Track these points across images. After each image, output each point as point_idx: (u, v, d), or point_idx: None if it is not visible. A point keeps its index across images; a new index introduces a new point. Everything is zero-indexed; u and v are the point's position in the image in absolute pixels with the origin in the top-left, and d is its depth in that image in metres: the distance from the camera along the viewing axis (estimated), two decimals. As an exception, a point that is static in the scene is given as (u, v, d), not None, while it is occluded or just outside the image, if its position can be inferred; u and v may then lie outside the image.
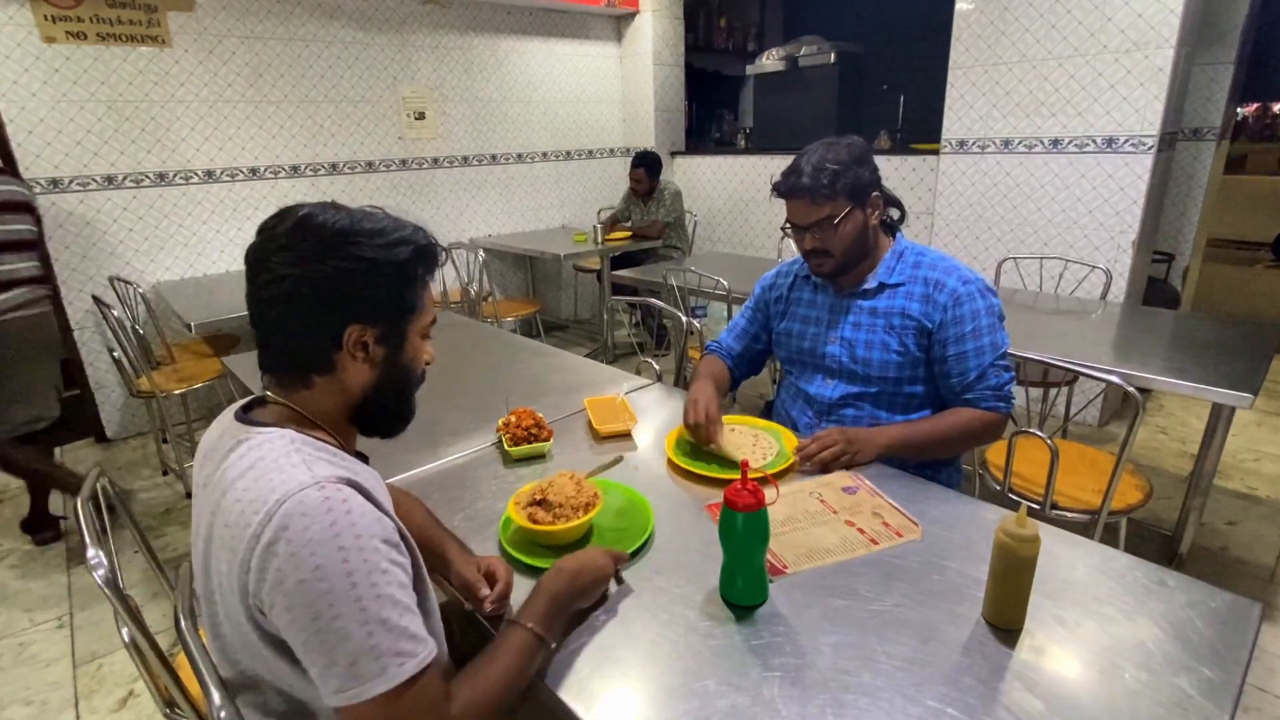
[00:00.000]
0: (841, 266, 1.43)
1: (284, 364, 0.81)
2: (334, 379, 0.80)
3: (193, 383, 2.77)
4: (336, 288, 0.75)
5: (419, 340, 0.86)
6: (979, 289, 1.39)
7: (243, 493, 0.70)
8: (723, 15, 6.02)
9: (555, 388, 1.75)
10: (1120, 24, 2.76)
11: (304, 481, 0.69)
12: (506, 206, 4.73)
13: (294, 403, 0.81)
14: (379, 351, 0.81)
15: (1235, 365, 1.76)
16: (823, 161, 1.35)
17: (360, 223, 0.78)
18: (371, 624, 0.66)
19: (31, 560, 2.45)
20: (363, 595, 0.66)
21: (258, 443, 0.75)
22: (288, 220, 0.77)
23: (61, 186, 3.09)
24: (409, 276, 0.81)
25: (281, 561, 0.66)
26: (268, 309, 0.77)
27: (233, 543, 0.69)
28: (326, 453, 0.77)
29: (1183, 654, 0.82)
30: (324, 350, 0.78)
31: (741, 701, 0.78)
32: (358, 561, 0.66)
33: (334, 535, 0.66)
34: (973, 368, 1.37)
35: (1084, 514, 1.67)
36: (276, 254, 0.75)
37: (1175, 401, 3.37)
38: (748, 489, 0.90)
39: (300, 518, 0.66)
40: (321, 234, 0.76)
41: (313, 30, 3.68)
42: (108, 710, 1.80)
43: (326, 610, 0.65)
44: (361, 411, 0.84)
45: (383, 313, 0.80)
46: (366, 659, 0.65)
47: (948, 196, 3.45)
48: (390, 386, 0.84)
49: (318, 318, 0.76)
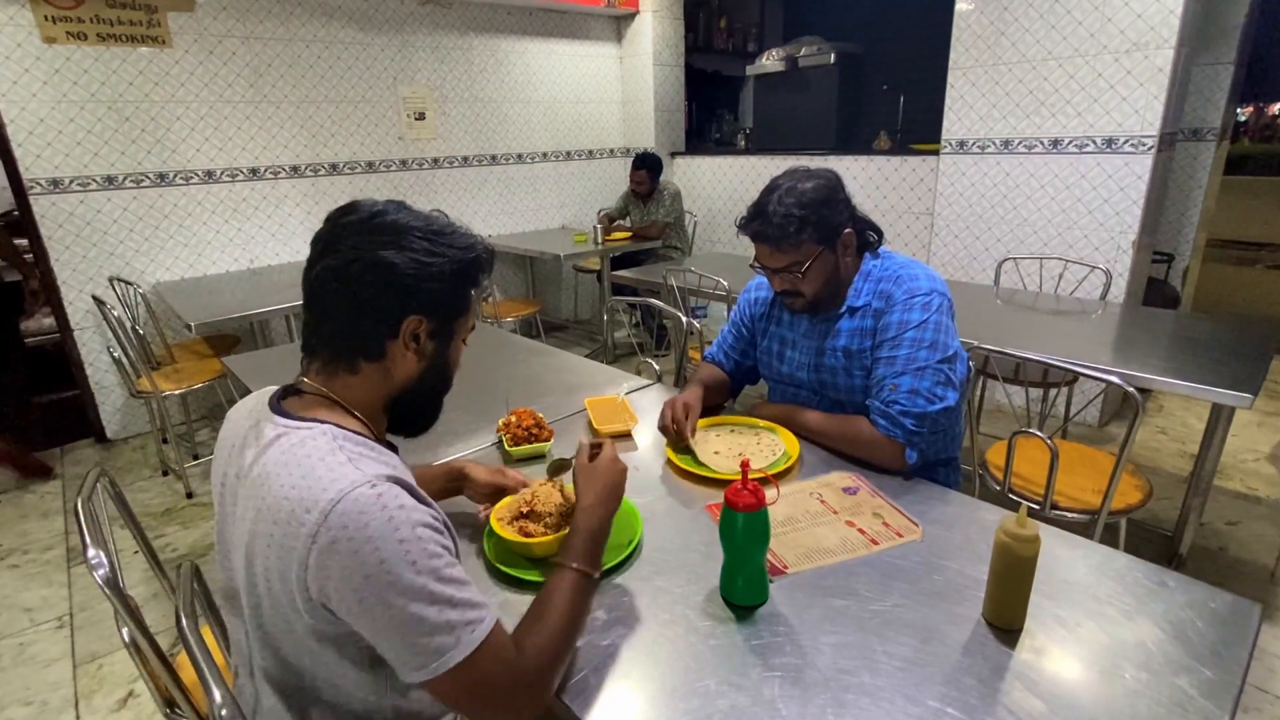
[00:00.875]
0: (813, 304, 1.40)
1: (335, 346, 0.82)
2: (381, 366, 0.83)
3: (193, 383, 2.77)
4: (406, 276, 0.78)
5: (461, 343, 0.90)
6: (921, 301, 1.32)
7: (291, 489, 0.71)
8: (723, 15, 6.02)
9: (555, 388, 1.75)
10: (1120, 24, 2.76)
11: (356, 480, 0.71)
12: (506, 207, 4.73)
13: (333, 389, 0.82)
14: (429, 346, 0.84)
15: (1235, 365, 1.76)
16: (789, 208, 1.29)
17: (432, 222, 0.83)
18: (440, 603, 0.70)
19: (32, 560, 2.45)
20: (428, 581, 0.70)
21: (299, 439, 0.76)
22: (361, 211, 0.81)
23: (61, 187, 3.09)
24: (469, 278, 0.85)
25: (346, 559, 0.68)
26: (333, 288, 0.79)
27: (285, 540, 0.70)
28: (366, 448, 0.79)
29: (1183, 654, 0.82)
30: (379, 336, 0.81)
31: (742, 701, 0.78)
32: (418, 551, 0.70)
33: (393, 530, 0.69)
34: (877, 376, 1.33)
35: (1084, 514, 1.67)
36: (351, 237, 0.78)
37: (1175, 401, 3.37)
38: (748, 489, 0.90)
39: (358, 515, 0.69)
40: (397, 226, 0.79)
41: (313, 30, 3.68)
42: (108, 710, 1.80)
43: (397, 599, 0.68)
44: (398, 403, 0.87)
45: (440, 308, 0.83)
46: (442, 634, 0.70)
47: (948, 197, 3.45)
48: (430, 382, 0.88)
49: (381, 303, 0.79)
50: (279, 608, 0.74)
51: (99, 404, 3.37)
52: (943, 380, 1.29)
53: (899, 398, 1.27)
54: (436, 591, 0.70)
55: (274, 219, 3.73)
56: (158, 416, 3.05)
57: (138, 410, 3.44)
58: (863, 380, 1.39)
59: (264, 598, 0.75)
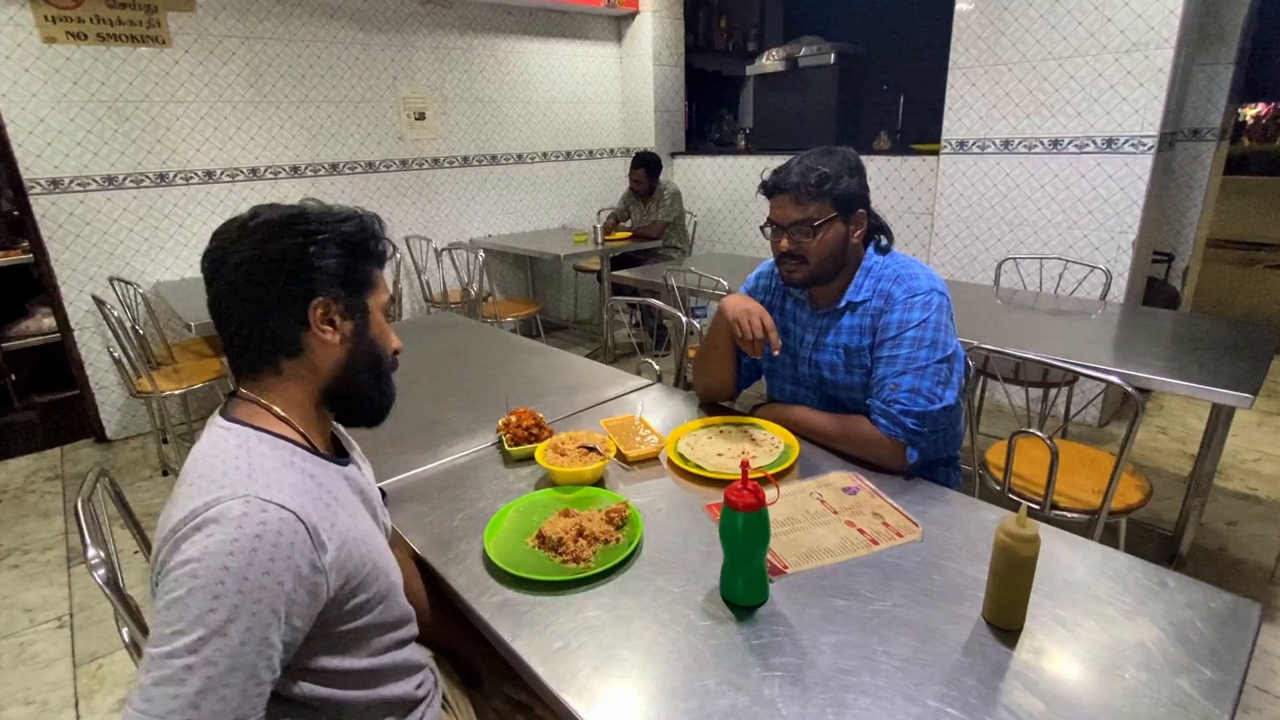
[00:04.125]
0: (813, 277, 1.38)
1: (253, 354, 0.82)
2: (303, 360, 0.82)
3: (192, 383, 2.77)
4: (295, 261, 0.79)
5: (381, 318, 0.89)
6: (921, 300, 1.32)
7: (189, 487, 0.72)
8: (723, 15, 6.02)
9: (555, 388, 1.75)
10: (1120, 24, 2.76)
11: (237, 491, 0.70)
12: (506, 206, 4.73)
13: (265, 396, 0.83)
14: (346, 326, 0.84)
15: (1235, 365, 1.76)
16: (815, 164, 1.33)
17: (304, 211, 0.82)
18: (194, 659, 0.63)
19: (32, 560, 2.45)
20: (207, 631, 0.64)
21: (217, 438, 0.77)
22: (236, 221, 0.82)
23: (61, 187, 3.09)
24: (360, 247, 0.84)
25: (179, 556, 0.66)
26: (232, 301, 0.80)
27: (160, 534, 0.70)
28: (284, 455, 0.78)
29: (1183, 654, 0.82)
30: (291, 330, 0.81)
31: (742, 701, 0.78)
32: (231, 592, 0.65)
33: (227, 554, 0.66)
34: (878, 376, 1.33)
35: (1084, 514, 1.67)
36: (232, 246, 0.79)
37: (1175, 401, 3.37)
38: (748, 489, 0.90)
39: (213, 525, 0.67)
40: (271, 220, 0.80)
41: (313, 30, 3.68)
42: (108, 710, 1.80)
43: (176, 620, 0.64)
44: (334, 394, 0.86)
45: (342, 284, 0.82)
46: (165, 685, 0.63)
47: (948, 197, 3.45)
48: (361, 364, 0.87)
49: (281, 296, 0.79)
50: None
51: (99, 404, 3.37)
52: (943, 380, 1.29)
53: (899, 397, 1.28)
54: (201, 650, 0.63)
55: (274, 219, 3.73)
56: (158, 416, 3.05)
57: (138, 410, 3.45)
58: (861, 377, 1.39)
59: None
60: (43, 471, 3.13)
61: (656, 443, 1.37)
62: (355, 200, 4.00)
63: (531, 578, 0.99)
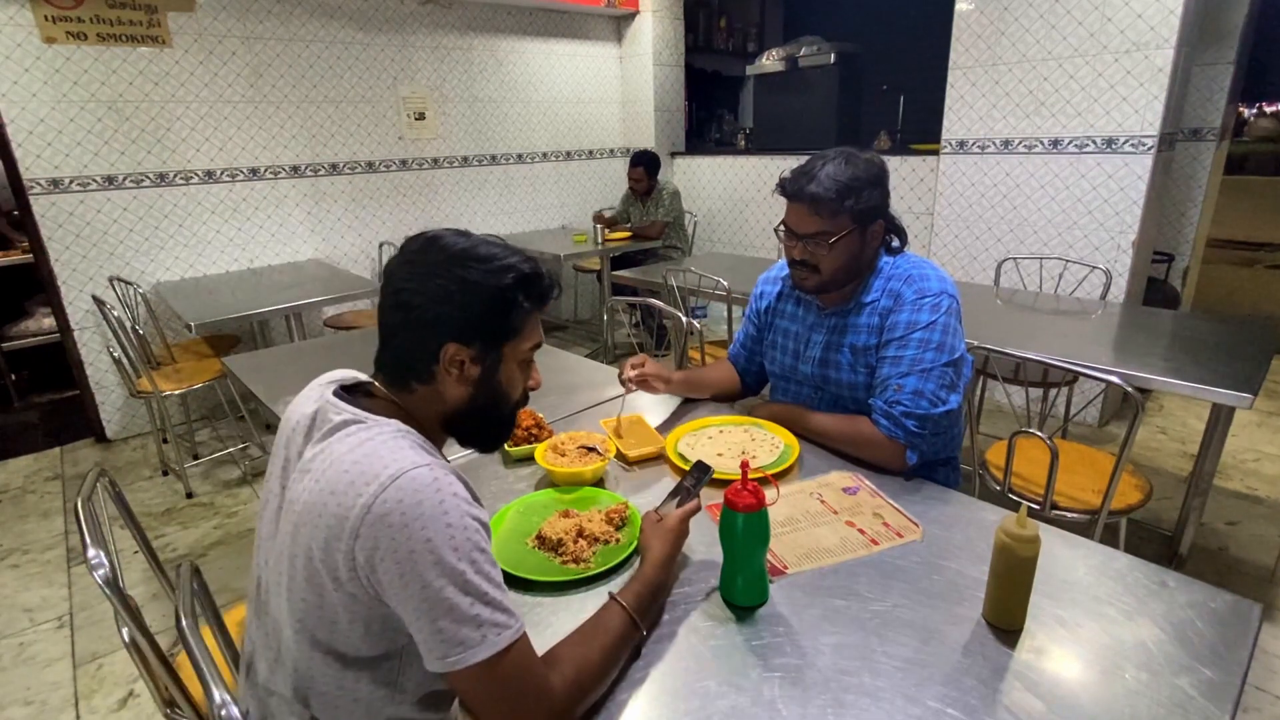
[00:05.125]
0: (824, 286, 1.37)
1: (392, 367, 0.86)
2: (432, 389, 0.85)
3: (193, 383, 2.77)
4: (439, 305, 0.81)
5: (516, 365, 0.89)
6: (930, 302, 1.31)
7: (353, 465, 0.74)
8: (723, 15, 6.02)
9: (555, 388, 1.75)
10: (1120, 24, 2.76)
11: (416, 461, 0.74)
12: (506, 206, 4.73)
13: (398, 398, 0.87)
14: (474, 371, 0.85)
15: (1235, 365, 1.76)
16: (839, 173, 1.27)
17: (476, 248, 0.83)
18: (473, 595, 0.72)
19: (32, 560, 2.45)
20: (466, 569, 0.72)
21: (369, 434, 0.79)
22: (419, 239, 0.85)
23: (61, 187, 3.09)
24: (509, 301, 0.84)
25: (395, 532, 0.70)
26: (388, 315, 0.84)
27: (339, 509, 0.72)
28: (428, 447, 0.81)
29: (1183, 654, 0.82)
30: (425, 362, 0.84)
31: (742, 702, 0.78)
32: (463, 539, 0.72)
33: (443, 512, 0.72)
34: (882, 376, 1.32)
35: (1084, 514, 1.67)
36: (401, 268, 0.83)
37: (1175, 401, 3.37)
38: (748, 489, 0.90)
39: (414, 493, 0.72)
40: (439, 255, 0.82)
41: (313, 30, 3.68)
42: (108, 710, 1.80)
43: (435, 580, 0.70)
44: (454, 424, 0.89)
45: (478, 334, 0.83)
46: (468, 627, 0.71)
47: (948, 197, 3.45)
48: (482, 406, 0.88)
49: (422, 331, 0.82)
50: (315, 578, 0.75)
51: (99, 404, 3.37)
52: (947, 383, 1.28)
53: (902, 399, 1.27)
54: (471, 581, 0.72)
55: (274, 219, 3.73)
56: (158, 416, 3.04)
57: (138, 410, 3.44)
58: (865, 377, 1.39)
59: (300, 571, 0.76)
60: (43, 471, 3.13)
61: (656, 443, 1.37)
62: (355, 199, 4.01)
63: (531, 578, 0.99)
